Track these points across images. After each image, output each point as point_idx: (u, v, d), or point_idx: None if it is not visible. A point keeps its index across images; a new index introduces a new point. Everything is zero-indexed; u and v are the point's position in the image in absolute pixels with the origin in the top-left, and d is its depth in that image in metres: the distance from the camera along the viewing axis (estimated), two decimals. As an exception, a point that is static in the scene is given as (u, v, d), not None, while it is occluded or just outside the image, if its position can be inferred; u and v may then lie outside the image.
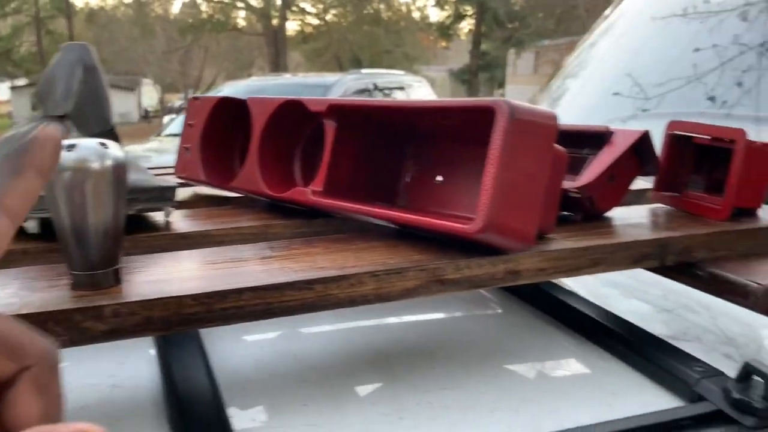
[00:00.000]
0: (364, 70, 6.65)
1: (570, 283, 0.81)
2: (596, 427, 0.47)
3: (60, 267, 0.50)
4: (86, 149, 0.44)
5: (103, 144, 0.45)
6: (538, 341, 0.66)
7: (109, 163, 0.44)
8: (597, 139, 0.67)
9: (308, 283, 0.48)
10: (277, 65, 15.07)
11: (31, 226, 0.60)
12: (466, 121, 0.61)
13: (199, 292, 0.45)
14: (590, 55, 2.07)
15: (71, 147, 0.44)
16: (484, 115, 0.52)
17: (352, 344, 0.65)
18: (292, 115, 0.72)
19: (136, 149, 4.90)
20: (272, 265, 0.51)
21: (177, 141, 0.90)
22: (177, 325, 0.45)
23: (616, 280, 0.86)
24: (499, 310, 0.76)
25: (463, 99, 0.56)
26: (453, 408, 0.52)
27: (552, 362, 0.62)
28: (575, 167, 0.68)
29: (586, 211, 0.65)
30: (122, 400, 0.54)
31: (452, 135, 0.65)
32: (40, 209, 0.58)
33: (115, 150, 0.45)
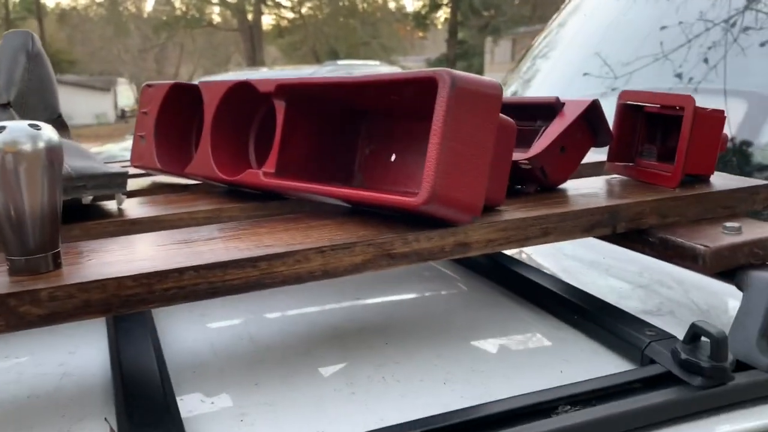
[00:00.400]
0: (340, 62, 6.63)
1: (549, 265, 0.82)
2: (546, 392, 0.48)
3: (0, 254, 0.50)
4: (17, 131, 0.43)
5: (35, 126, 0.44)
6: (494, 314, 0.67)
7: (41, 145, 0.43)
8: (549, 110, 0.67)
9: (252, 261, 0.48)
10: (254, 60, 14.97)
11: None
12: (417, 96, 0.61)
13: (139, 272, 0.45)
14: (559, 36, 2.08)
15: (0, 129, 0.43)
16: (433, 89, 0.52)
17: (309, 324, 0.65)
18: (244, 98, 0.71)
19: (112, 149, 4.85)
20: (217, 245, 0.51)
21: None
22: (117, 307, 0.45)
23: (593, 259, 0.86)
24: (458, 286, 0.76)
25: (407, 71, 0.55)
26: (405, 380, 0.52)
27: (506, 333, 0.62)
28: (529, 139, 0.68)
29: (539, 183, 0.65)
30: (72, 388, 0.53)
31: (404, 112, 0.65)
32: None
33: (48, 132, 0.44)
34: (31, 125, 0.44)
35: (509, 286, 0.73)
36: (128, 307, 0.45)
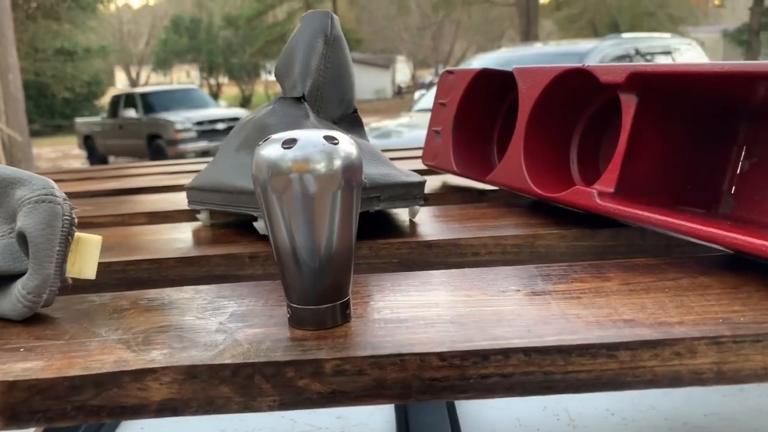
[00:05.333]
0: (624, 35, 6.04)
1: None
2: None
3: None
4: (309, 146, 0.32)
5: (331, 139, 0.33)
6: None
7: (338, 164, 0.33)
8: None
9: (609, 348, 0.32)
10: (528, 35, 14.56)
11: (261, 226, 0.52)
12: None
13: (450, 349, 0.32)
14: None
15: (290, 143, 0.33)
16: None
17: (650, 412, 0.47)
18: (572, 90, 0.55)
19: (388, 125, 5.04)
20: (549, 308, 0.36)
21: (427, 117, 0.79)
22: (417, 392, 0.32)
23: None
24: None
25: None
26: None
27: None
28: None
29: None
30: (350, 455, 0.43)
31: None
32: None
33: (346, 146, 0.33)
34: (327, 138, 0.33)
35: None
36: (432, 394, 0.32)
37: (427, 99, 5.61)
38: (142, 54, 26.17)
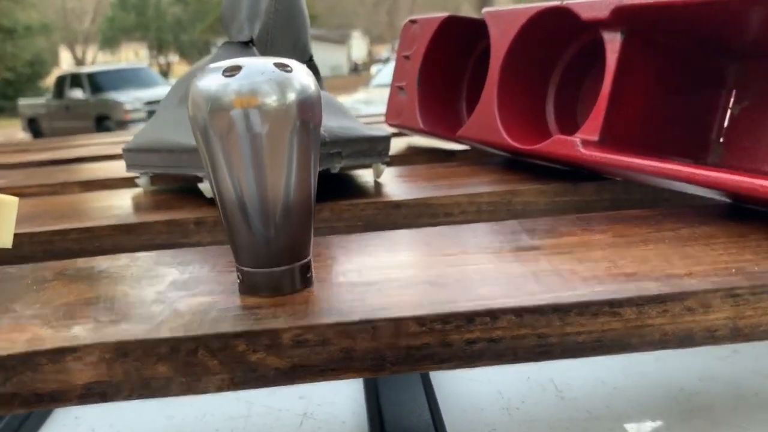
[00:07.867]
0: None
1: None
2: None
3: (234, 250, 0.36)
4: (257, 74, 0.27)
5: (282, 66, 0.28)
6: None
7: (292, 97, 0.27)
8: None
9: (612, 306, 0.28)
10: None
11: (207, 188, 0.46)
12: None
13: (430, 312, 0.27)
14: None
15: (233, 70, 0.27)
16: None
17: (637, 377, 0.43)
18: (549, 33, 0.50)
19: (346, 100, 4.96)
20: (539, 264, 0.32)
21: (385, 92, 0.73)
22: (393, 363, 0.28)
23: None
24: None
25: None
26: None
27: None
28: None
29: None
30: (315, 437, 0.38)
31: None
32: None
33: (302, 76, 0.28)
34: (278, 65, 0.28)
35: None
36: (409, 364, 0.28)
37: (384, 74, 5.55)
38: (87, 32, 25.25)
